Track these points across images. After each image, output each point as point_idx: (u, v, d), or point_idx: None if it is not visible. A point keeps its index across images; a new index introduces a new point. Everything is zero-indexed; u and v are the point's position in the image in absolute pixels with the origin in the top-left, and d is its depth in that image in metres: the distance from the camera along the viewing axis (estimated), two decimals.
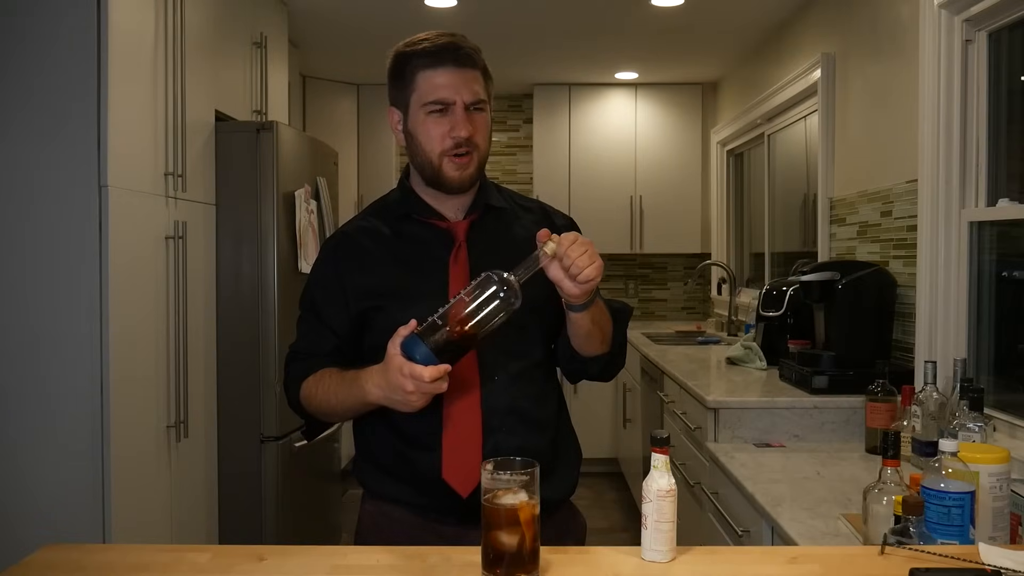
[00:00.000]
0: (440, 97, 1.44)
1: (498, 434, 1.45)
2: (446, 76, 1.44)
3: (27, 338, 2.32)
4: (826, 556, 1.33)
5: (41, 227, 2.32)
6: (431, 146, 1.46)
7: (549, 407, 1.56)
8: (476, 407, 1.45)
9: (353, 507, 1.49)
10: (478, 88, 1.47)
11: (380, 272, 1.51)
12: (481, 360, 1.46)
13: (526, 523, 1.13)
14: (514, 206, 1.60)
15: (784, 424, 2.51)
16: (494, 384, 1.47)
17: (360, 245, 1.54)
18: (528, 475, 1.15)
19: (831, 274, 2.78)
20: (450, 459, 1.44)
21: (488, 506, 1.14)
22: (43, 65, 2.31)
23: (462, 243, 1.50)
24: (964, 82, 2.40)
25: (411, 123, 1.48)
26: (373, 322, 1.50)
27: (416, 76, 1.46)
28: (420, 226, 1.53)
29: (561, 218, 1.64)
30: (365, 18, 4.21)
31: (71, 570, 1.25)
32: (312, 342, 1.56)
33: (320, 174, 3.49)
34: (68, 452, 2.32)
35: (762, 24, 4.26)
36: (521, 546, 1.13)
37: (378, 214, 1.59)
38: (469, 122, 1.45)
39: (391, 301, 1.48)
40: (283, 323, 3.10)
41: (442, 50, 1.44)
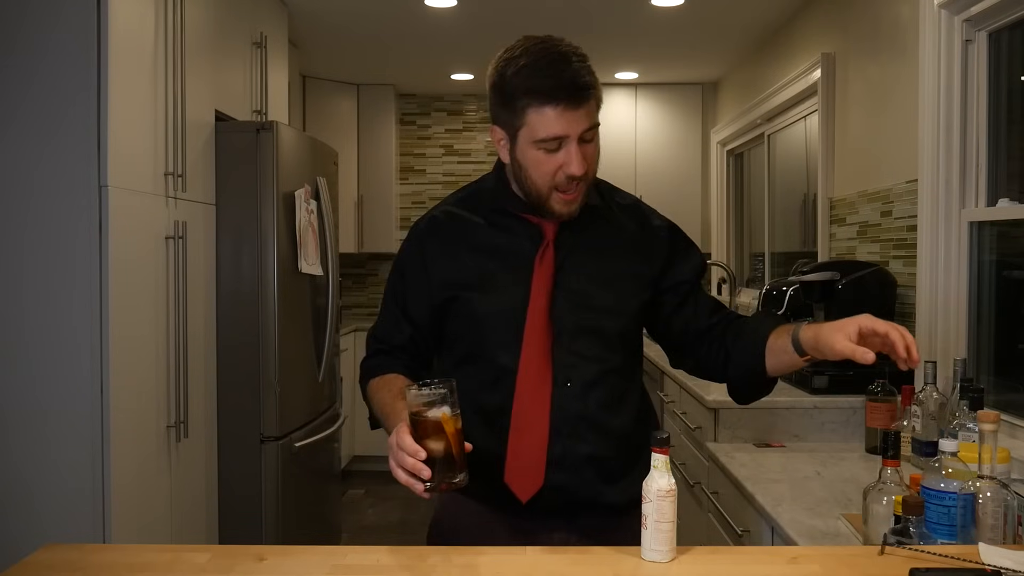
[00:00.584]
0: (554, 134, 1.36)
1: (566, 440, 1.42)
2: (564, 114, 1.35)
3: (27, 338, 2.32)
4: (826, 556, 1.33)
5: (41, 227, 2.32)
6: (541, 180, 1.40)
7: (625, 415, 1.51)
8: (545, 412, 1.42)
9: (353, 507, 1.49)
10: (593, 114, 1.39)
11: (465, 262, 1.48)
12: (555, 364, 1.43)
13: (450, 434, 1.26)
14: (611, 203, 1.55)
15: (784, 424, 2.51)
16: (566, 389, 1.43)
17: (449, 231, 1.51)
18: (447, 388, 1.27)
19: (831, 274, 2.78)
20: (513, 464, 1.42)
21: (417, 420, 1.26)
22: (43, 65, 2.31)
23: (550, 243, 1.46)
24: (964, 82, 2.40)
25: (519, 153, 1.41)
26: (453, 311, 1.48)
27: (527, 112, 1.36)
28: (511, 219, 1.49)
29: (657, 218, 1.59)
30: (365, 18, 4.21)
31: (71, 570, 1.25)
32: (389, 331, 1.55)
33: (320, 174, 3.49)
34: (68, 452, 2.32)
35: (762, 24, 4.26)
36: (448, 451, 1.25)
37: (470, 201, 1.54)
38: (582, 156, 1.38)
39: (471, 293, 1.45)
40: (283, 323, 3.10)
41: (558, 88, 1.34)
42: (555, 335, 1.43)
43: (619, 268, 1.50)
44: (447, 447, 1.25)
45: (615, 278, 1.49)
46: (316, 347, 3.46)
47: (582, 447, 1.44)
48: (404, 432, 1.25)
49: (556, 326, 1.44)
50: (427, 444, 1.24)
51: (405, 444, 1.23)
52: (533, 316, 1.43)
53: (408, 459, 1.23)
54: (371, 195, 5.73)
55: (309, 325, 3.40)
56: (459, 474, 1.27)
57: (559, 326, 1.44)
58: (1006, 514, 1.36)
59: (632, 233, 1.54)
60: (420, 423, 1.26)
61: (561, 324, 1.44)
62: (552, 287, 1.44)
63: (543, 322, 1.43)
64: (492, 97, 1.43)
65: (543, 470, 1.42)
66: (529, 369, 1.42)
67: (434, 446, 1.25)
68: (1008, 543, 1.35)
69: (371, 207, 5.73)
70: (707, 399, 2.59)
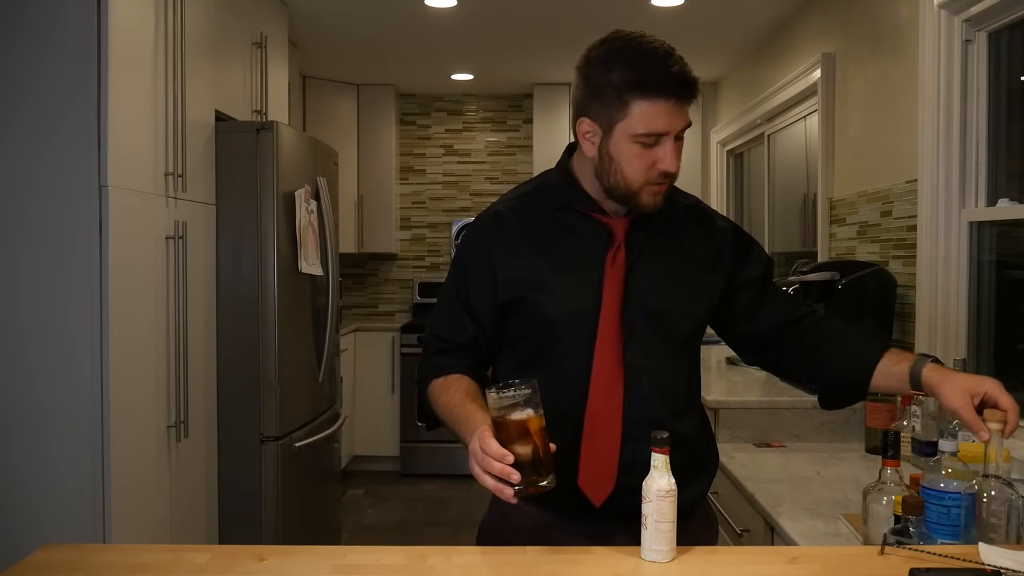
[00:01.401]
0: (658, 130, 1.35)
1: (637, 445, 1.40)
2: (671, 110, 1.34)
3: (27, 338, 2.32)
4: (826, 556, 1.33)
5: (41, 227, 2.32)
6: (634, 175, 1.38)
7: (690, 422, 1.49)
8: (618, 417, 1.41)
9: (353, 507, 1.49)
10: (689, 113, 1.39)
11: (532, 261, 1.45)
12: (627, 368, 1.41)
13: (535, 433, 1.24)
14: (675, 205, 1.52)
15: (784, 424, 2.51)
16: (637, 393, 1.42)
17: (513, 228, 1.47)
18: (530, 388, 1.24)
19: (831, 274, 2.78)
20: (587, 468, 1.41)
21: (501, 422, 1.24)
22: (43, 65, 2.31)
23: (621, 244, 1.44)
24: (964, 82, 2.40)
25: (612, 147, 1.38)
26: (521, 312, 1.45)
27: (631, 105, 1.34)
28: (579, 217, 1.46)
29: (720, 219, 1.58)
30: (365, 18, 4.21)
31: (70, 570, 1.25)
32: (451, 329, 1.51)
33: (320, 174, 3.49)
34: (68, 452, 2.32)
35: (762, 24, 4.26)
36: (535, 454, 1.23)
37: (535, 196, 1.51)
38: (676, 152, 1.38)
39: (540, 294, 1.43)
40: (283, 323, 3.11)
41: (668, 81, 1.33)
42: (626, 338, 1.42)
43: (687, 270, 1.49)
44: (534, 449, 1.23)
45: (684, 280, 1.48)
46: (316, 347, 3.46)
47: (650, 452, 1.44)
48: (489, 436, 1.23)
49: (627, 329, 1.42)
50: (513, 448, 1.22)
51: (491, 449, 1.21)
52: (606, 319, 1.41)
53: (496, 464, 1.21)
54: (371, 195, 5.73)
55: (309, 325, 3.40)
56: (547, 476, 1.25)
57: (630, 329, 1.42)
58: (1009, 513, 1.36)
59: (697, 234, 1.52)
60: (504, 426, 1.24)
61: (632, 327, 1.42)
62: (623, 290, 1.42)
63: (615, 325, 1.41)
64: (585, 88, 1.40)
65: (615, 474, 1.41)
66: (602, 373, 1.40)
67: (521, 449, 1.22)
68: (1011, 543, 1.35)
69: (371, 207, 5.73)
70: (707, 399, 2.59)
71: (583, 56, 1.42)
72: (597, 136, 1.40)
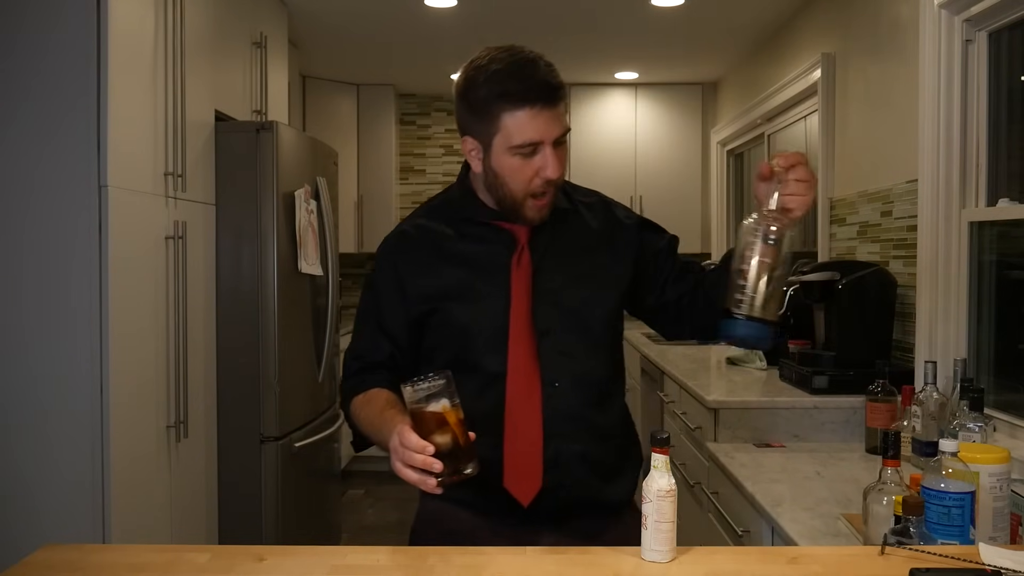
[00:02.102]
0: (531, 140, 1.37)
1: (559, 440, 1.43)
2: (539, 117, 1.36)
3: (27, 338, 2.32)
4: (826, 556, 1.33)
5: (41, 227, 2.32)
6: (517, 186, 1.41)
7: (613, 413, 1.53)
8: (537, 415, 1.42)
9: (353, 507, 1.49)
10: (563, 117, 1.40)
11: (441, 274, 1.48)
12: (541, 365, 1.44)
13: (453, 423, 1.25)
14: (577, 204, 1.56)
15: (784, 424, 2.51)
16: (555, 390, 1.44)
17: (420, 245, 1.51)
18: (444, 379, 1.25)
19: (831, 274, 2.78)
20: (512, 468, 1.42)
21: (418, 415, 1.25)
22: (43, 65, 2.31)
23: (524, 247, 1.47)
24: (964, 82, 2.40)
25: (494, 161, 1.41)
26: (433, 324, 1.48)
27: (501, 117, 1.37)
28: (482, 227, 1.49)
29: (622, 210, 1.61)
30: (365, 18, 4.21)
31: (70, 570, 1.25)
32: (367, 348, 1.53)
33: (320, 174, 3.49)
34: (68, 452, 2.32)
35: (762, 24, 4.26)
36: (455, 442, 1.24)
37: (438, 212, 1.54)
38: (556, 159, 1.39)
39: (451, 303, 1.46)
40: (283, 323, 3.10)
41: (530, 90, 1.36)
42: (539, 336, 1.44)
43: (594, 264, 1.52)
44: (453, 438, 1.25)
45: (591, 274, 1.50)
46: (316, 347, 3.46)
47: (575, 446, 1.45)
48: (407, 431, 1.24)
49: (539, 327, 1.44)
50: (433, 439, 1.23)
51: (411, 442, 1.22)
52: (516, 320, 1.44)
53: (417, 456, 1.22)
54: (371, 195, 5.73)
55: (309, 325, 3.40)
56: (469, 464, 1.26)
57: (542, 327, 1.45)
58: None
59: (601, 228, 1.55)
60: (422, 418, 1.25)
61: (544, 325, 1.45)
62: (531, 290, 1.45)
63: (526, 325, 1.44)
64: (461, 107, 1.43)
65: (541, 471, 1.42)
66: (517, 372, 1.42)
67: (440, 439, 1.23)
68: (1008, 543, 1.35)
69: (371, 207, 5.73)
70: (707, 399, 2.59)
71: (458, 76, 1.45)
72: (480, 152, 1.43)
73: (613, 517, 1.51)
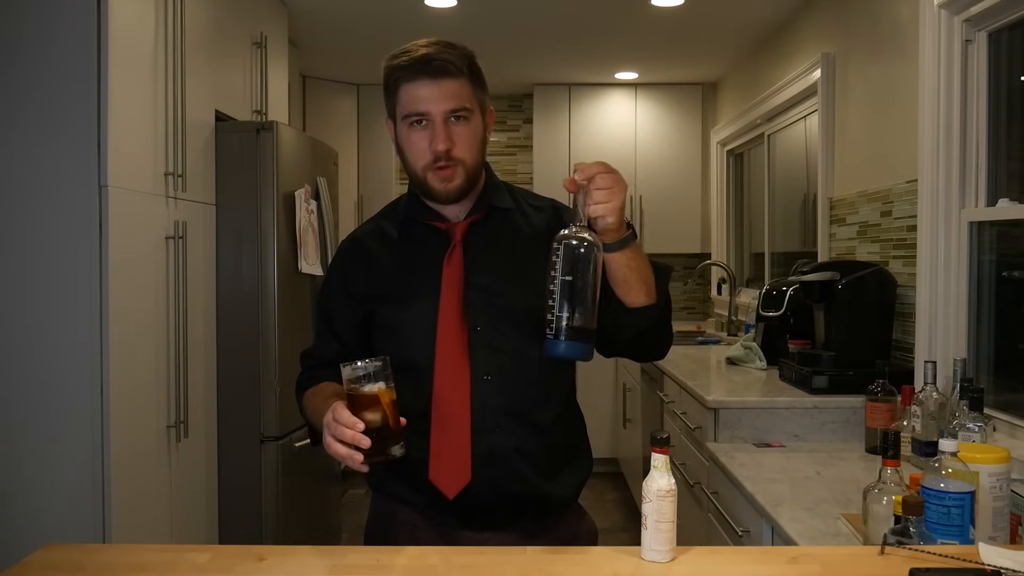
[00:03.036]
0: (417, 110, 1.43)
1: (492, 435, 1.44)
2: (423, 89, 1.43)
3: (27, 338, 2.32)
4: (826, 556, 1.33)
5: (41, 227, 2.32)
6: (415, 160, 1.47)
7: (551, 408, 1.52)
8: (466, 408, 1.44)
9: (353, 507, 1.50)
10: (462, 96, 1.44)
11: (382, 274, 1.53)
12: (472, 359, 1.45)
13: (386, 404, 1.29)
14: (524, 206, 1.58)
15: (784, 424, 2.51)
16: (485, 384, 1.45)
17: (366, 248, 1.57)
18: (381, 362, 1.30)
19: (831, 274, 2.78)
20: (437, 461, 1.43)
21: (353, 394, 1.29)
22: (43, 65, 2.31)
23: (457, 244, 1.50)
24: (964, 82, 2.40)
25: (400, 137, 1.49)
26: (374, 325, 1.52)
27: (399, 89, 1.45)
28: (422, 228, 1.54)
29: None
30: (365, 18, 4.21)
31: (71, 570, 1.25)
32: (319, 348, 1.61)
33: (320, 174, 3.49)
34: (68, 452, 2.32)
35: (762, 24, 4.26)
36: (384, 422, 1.28)
37: (387, 217, 1.61)
38: (449, 134, 1.43)
39: (388, 303, 1.50)
40: (283, 323, 3.10)
41: (417, 62, 1.43)
42: (470, 330, 1.46)
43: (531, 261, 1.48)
44: (384, 418, 1.28)
45: (527, 271, 1.47)
46: None
47: (508, 440, 1.45)
48: (341, 407, 1.28)
49: (470, 321, 1.46)
50: (364, 416, 1.27)
51: (343, 417, 1.26)
52: (445, 313, 1.46)
53: (347, 431, 1.25)
54: (371, 195, 5.72)
55: (309, 325, 3.40)
56: (395, 445, 1.29)
57: (473, 321, 1.46)
58: None
59: (546, 229, 1.53)
60: (357, 397, 1.29)
61: (475, 319, 1.46)
62: (463, 285, 1.47)
63: (456, 319, 1.46)
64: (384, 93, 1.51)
65: (469, 465, 1.43)
66: (445, 365, 1.44)
67: (371, 417, 1.27)
68: (1008, 543, 1.35)
69: (371, 207, 5.72)
70: (707, 399, 2.59)
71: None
72: (392, 131, 1.52)
73: (556, 516, 1.52)
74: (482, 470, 1.43)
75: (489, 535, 1.44)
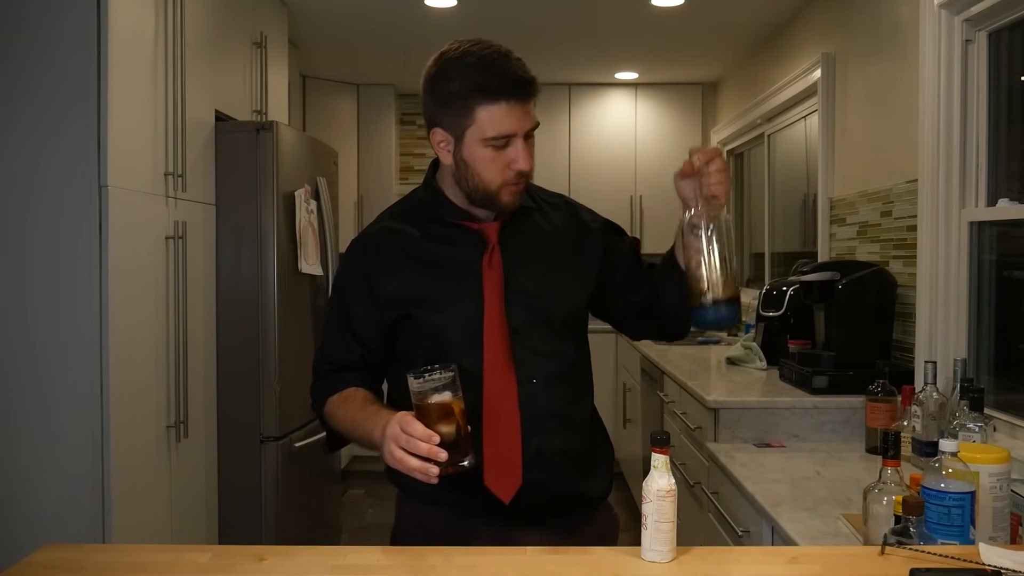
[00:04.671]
0: (502, 132, 1.39)
1: (539, 437, 1.44)
2: (510, 110, 1.38)
3: (27, 338, 2.32)
4: (826, 556, 1.33)
5: (41, 227, 2.32)
6: (490, 177, 1.42)
7: (585, 407, 1.55)
8: (515, 412, 1.43)
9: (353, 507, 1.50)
10: (534, 112, 1.43)
11: (411, 277, 1.48)
12: (517, 363, 1.44)
13: (458, 415, 1.29)
14: (541, 203, 1.58)
15: (784, 424, 2.51)
16: (532, 387, 1.45)
17: (388, 249, 1.51)
18: (454, 372, 1.29)
19: (831, 274, 2.78)
20: (492, 466, 1.42)
21: (424, 405, 1.28)
22: (43, 65, 2.31)
23: (495, 245, 1.48)
24: (964, 82, 2.40)
25: (466, 153, 1.42)
26: (407, 328, 1.48)
27: (476, 110, 1.38)
28: (450, 228, 1.50)
29: (587, 212, 1.63)
30: (365, 18, 4.21)
31: (71, 570, 1.25)
32: (338, 352, 1.54)
33: (320, 174, 3.49)
34: (68, 452, 2.32)
35: (762, 24, 4.26)
36: (458, 434, 1.28)
37: (403, 216, 1.54)
38: (528, 151, 1.42)
39: (424, 307, 1.46)
40: (283, 323, 3.10)
41: (505, 83, 1.38)
42: (512, 334, 1.45)
43: (562, 263, 1.53)
44: (457, 429, 1.27)
45: (560, 272, 1.52)
46: (316, 347, 3.45)
47: (555, 442, 1.46)
48: (412, 419, 1.26)
49: (513, 325, 1.45)
50: (438, 428, 1.26)
51: (417, 430, 1.24)
52: (490, 319, 1.44)
53: (422, 445, 1.23)
54: (371, 195, 5.72)
55: (309, 325, 3.40)
56: (467, 456, 1.29)
57: (515, 325, 1.46)
58: None
59: (566, 229, 1.57)
60: (427, 409, 1.27)
61: (517, 323, 1.46)
62: (503, 289, 1.46)
63: (500, 323, 1.45)
64: (432, 100, 1.44)
65: (520, 468, 1.43)
66: (494, 371, 1.43)
67: (446, 429, 1.26)
68: (1008, 543, 1.35)
69: (371, 207, 5.72)
70: (707, 399, 2.59)
71: (425, 70, 1.46)
72: (451, 144, 1.44)
73: (591, 512, 1.53)
74: (531, 472, 1.44)
75: (531, 535, 1.44)
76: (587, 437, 1.53)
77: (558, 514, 1.48)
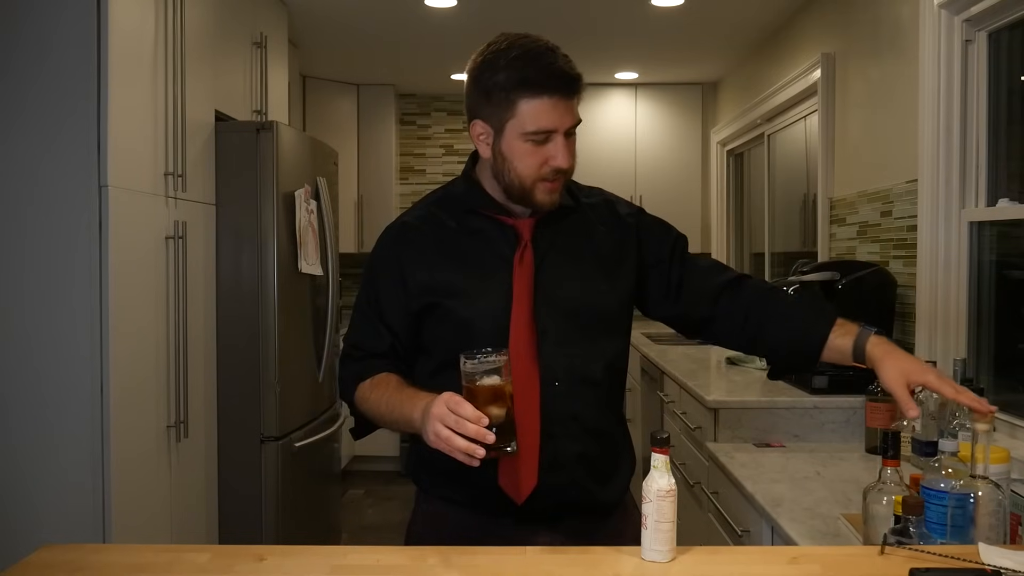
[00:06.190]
0: (543, 127, 1.37)
1: (558, 441, 1.42)
2: (559, 106, 1.37)
3: (27, 338, 2.32)
4: (826, 556, 1.33)
5: (42, 227, 2.32)
6: (527, 172, 1.40)
7: (611, 414, 1.52)
8: (535, 413, 1.41)
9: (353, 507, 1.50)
10: (576, 110, 1.41)
11: (443, 267, 1.47)
12: (542, 365, 1.43)
13: (508, 399, 1.28)
14: (581, 203, 1.55)
15: (784, 424, 2.51)
16: (554, 390, 1.43)
17: (422, 237, 1.49)
18: (506, 356, 1.29)
19: (831, 274, 2.78)
20: (506, 466, 1.41)
21: (476, 387, 1.27)
22: (43, 65, 2.31)
23: (527, 243, 1.46)
24: (964, 82, 2.40)
25: (505, 146, 1.41)
26: (434, 318, 1.47)
27: (518, 103, 1.37)
28: (485, 221, 1.48)
29: (625, 206, 1.60)
30: (365, 18, 4.21)
31: (70, 570, 1.25)
32: (368, 338, 1.52)
33: (320, 174, 3.49)
34: (68, 452, 2.32)
35: (762, 24, 4.26)
36: (508, 417, 1.28)
37: (440, 205, 1.53)
38: (567, 149, 1.40)
39: (453, 298, 1.45)
40: (283, 323, 3.10)
41: (551, 78, 1.36)
42: (539, 335, 1.43)
43: (596, 264, 1.51)
44: (508, 412, 1.27)
45: (594, 274, 1.50)
46: (316, 347, 3.46)
47: (573, 446, 1.44)
48: (461, 399, 1.25)
49: (540, 326, 1.44)
50: (488, 410, 1.25)
51: (466, 411, 1.23)
52: (517, 317, 1.43)
53: (470, 426, 1.22)
54: (371, 195, 5.73)
55: (309, 325, 3.40)
56: (511, 442, 1.28)
57: (543, 326, 1.44)
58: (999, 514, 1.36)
59: (604, 227, 1.54)
60: (478, 391, 1.26)
61: (545, 324, 1.44)
62: (533, 287, 1.44)
63: (527, 323, 1.43)
64: (474, 91, 1.44)
65: (536, 470, 1.42)
66: (518, 371, 1.40)
67: (496, 411, 1.26)
68: (1008, 543, 1.35)
69: (371, 207, 5.73)
70: (707, 399, 2.59)
71: (470, 60, 1.45)
72: (490, 137, 1.43)
73: (605, 516, 1.51)
74: (547, 475, 1.42)
75: (544, 536, 1.43)
76: (608, 444, 1.50)
77: (571, 517, 1.47)
